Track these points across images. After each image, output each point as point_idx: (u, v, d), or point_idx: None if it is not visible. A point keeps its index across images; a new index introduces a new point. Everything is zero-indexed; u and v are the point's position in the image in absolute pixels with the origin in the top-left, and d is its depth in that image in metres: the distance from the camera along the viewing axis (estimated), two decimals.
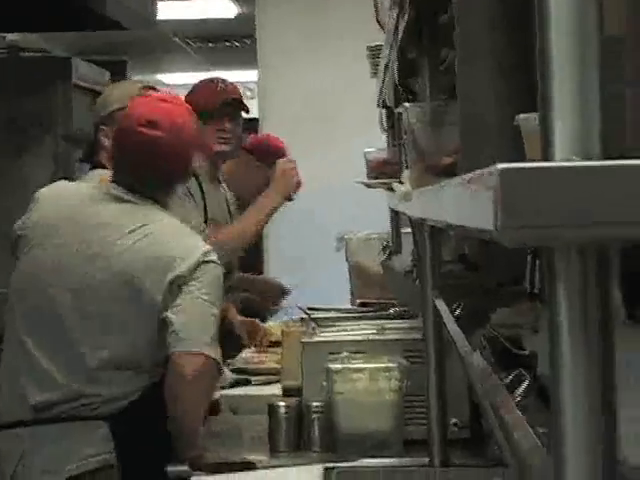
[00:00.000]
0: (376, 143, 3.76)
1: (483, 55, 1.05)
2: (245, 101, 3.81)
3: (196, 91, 3.72)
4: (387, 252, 4.26)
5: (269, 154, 3.99)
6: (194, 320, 2.55)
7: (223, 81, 3.80)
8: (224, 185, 3.79)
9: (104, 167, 3.08)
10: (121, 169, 2.66)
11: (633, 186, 0.61)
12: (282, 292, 4.29)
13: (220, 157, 3.69)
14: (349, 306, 4.20)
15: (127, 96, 3.08)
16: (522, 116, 0.89)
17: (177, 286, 2.53)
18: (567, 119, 0.64)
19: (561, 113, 0.64)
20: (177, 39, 8.60)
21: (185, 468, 2.55)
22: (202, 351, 2.53)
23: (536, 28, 0.66)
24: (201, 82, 3.81)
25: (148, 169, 2.60)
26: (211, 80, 3.82)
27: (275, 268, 6.06)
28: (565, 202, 0.60)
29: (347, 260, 4.51)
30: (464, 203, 0.75)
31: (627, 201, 0.61)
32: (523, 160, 0.85)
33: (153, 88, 3.25)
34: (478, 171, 0.68)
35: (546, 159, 0.64)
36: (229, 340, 3.67)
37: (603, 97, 0.65)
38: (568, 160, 0.63)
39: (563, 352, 0.66)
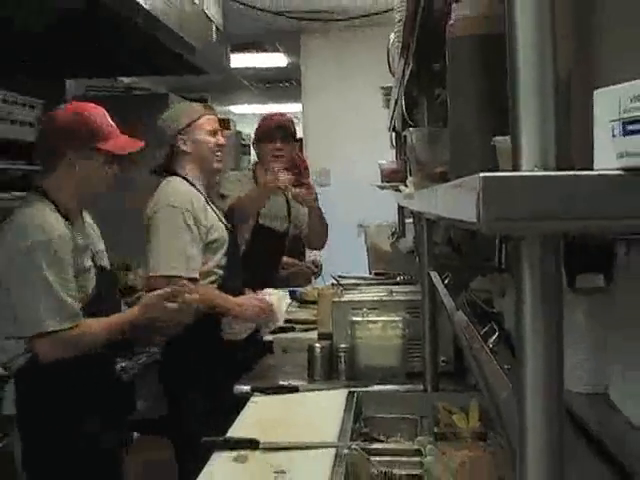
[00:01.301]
0: (386, 156, 3.73)
1: (467, 93, 1.04)
2: (296, 128, 3.66)
3: (259, 120, 3.72)
4: (395, 236, 4.25)
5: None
6: (24, 297, 2.15)
7: (279, 114, 3.72)
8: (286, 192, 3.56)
9: (176, 174, 2.90)
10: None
11: (579, 190, 0.60)
12: (315, 267, 4.12)
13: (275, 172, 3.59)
14: (367, 275, 4.19)
15: (195, 113, 2.96)
16: (497, 138, 0.87)
17: (15, 260, 2.15)
18: (531, 140, 0.63)
19: (527, 136, 0.63)
20: (244, 81, 8.61)
21: (248, 389, 2.56)
22: (39, 331, 2.14)
23: (508, 73, 0.65)
24: (266, 114, 3.78)
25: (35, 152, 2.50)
26: (270, 113, 3.78)
27: None
28: (530, 202, 0.59)
29: (365, 242, 4.50)
30: (454, 202, 0.74)
31: (574, 202, 0.60)
32: (498, 170, 0.84)
33: (211, 107, 3.12)
34: (465, 178, 0.67)
35: (515, 169, 0.63)
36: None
37: (557, 124, 0.64)
38: (532, 170, 0.62)
39: (525, 312, 0.65)
